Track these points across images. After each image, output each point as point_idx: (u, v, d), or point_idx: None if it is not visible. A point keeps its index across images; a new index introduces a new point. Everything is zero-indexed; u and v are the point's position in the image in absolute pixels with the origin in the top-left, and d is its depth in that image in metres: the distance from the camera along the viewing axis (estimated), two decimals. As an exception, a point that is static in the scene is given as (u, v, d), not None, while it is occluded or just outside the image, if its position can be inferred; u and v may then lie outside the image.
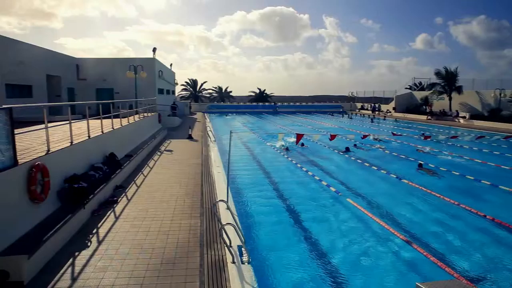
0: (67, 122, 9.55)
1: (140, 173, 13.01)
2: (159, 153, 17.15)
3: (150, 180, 12.00)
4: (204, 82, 70.47)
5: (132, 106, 22.07)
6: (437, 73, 43.63)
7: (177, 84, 50.64)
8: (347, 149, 19.78)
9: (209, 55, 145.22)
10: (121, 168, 11.85)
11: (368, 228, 9.25)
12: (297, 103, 64.55)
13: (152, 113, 24.80)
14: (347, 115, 50.30)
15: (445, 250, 8.02)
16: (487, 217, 9.81)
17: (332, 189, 12.49)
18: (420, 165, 16.09)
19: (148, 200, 9.74)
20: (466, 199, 11.44)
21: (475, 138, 13.76)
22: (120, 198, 9.85)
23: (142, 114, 21.30)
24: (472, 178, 14.11)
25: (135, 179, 12.03)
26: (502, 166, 16.47)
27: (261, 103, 63.75)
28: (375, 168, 16.07)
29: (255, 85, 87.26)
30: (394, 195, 12.55)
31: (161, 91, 35.55)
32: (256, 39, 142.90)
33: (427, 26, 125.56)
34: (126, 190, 10.74)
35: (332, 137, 11.42)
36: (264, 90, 70.11)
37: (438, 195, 11.87)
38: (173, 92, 48.20)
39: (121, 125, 15.06)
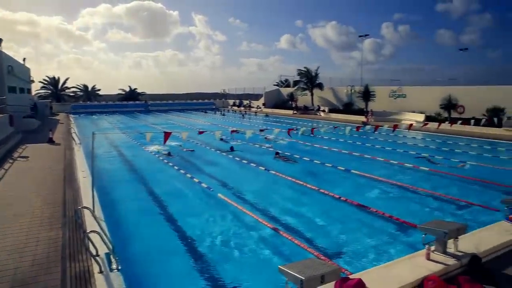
0: None
1: (-13, 185, 11.26)
2: (11, 161, 15.05)
3: (0, 193, 10.47)
4: (67, 79, 64.01)
5: (-27, 107, 18.92)
6: (300, 74, 48.32)
7: (33, 81, 45.01)
8: (232, 149, 19.73)
9: (71, 50, 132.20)
10: (-40, 181, 10.08)
11: (237, 219, 9.68)
12: (170, 101, 63.60)
13: (1, 115, 21.60)
14: (219, 112, 51.54)
15: (306, 231, 8.86)
16: (342, 198, 11.16)
17: (204, 185, 12.67)
18: (277, 153, 17.81)
19: (-3, 215, 8.51)
20: (322, 183, 12.87)
21: (333, 128, 15.51)
22: (-42, 217, 8.38)
23: (-13, 116, 18.41)
24: (330, 165, 15.87)
25: (-21, 193, 10.37)
26: (353, 153, 18.91)
27: (132, 102, 61.10)
28: (245, 161, 16.86)
29: (126, 83, 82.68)
30: (258, 184, 13.62)
31: (12, 89, 31.11)
32: (124, 34, 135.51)
33: (290, 28, 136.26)
34: (-33, 206, 9.19)
35: (200, 132, 11.75)
36: (135, 88, 67.34)
37: (297, 181, 13.13)
38: (29, 91, 42.77)
39: (-42, 130, 12.79)
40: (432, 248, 6.16)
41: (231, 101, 63.53)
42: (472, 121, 22.08)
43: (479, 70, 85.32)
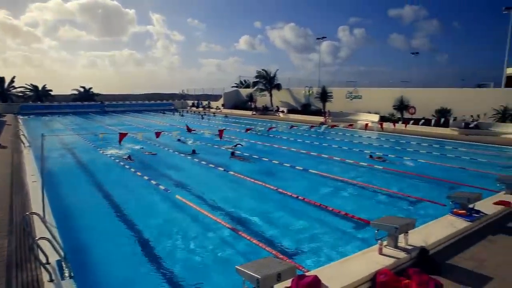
0: None
1: None
2: (-49, 166, 14.07)
3: None
4: (14, 78, 60.19)
5: None
6: (258, 75, 48.71)
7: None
8: (194, 152, 19.27)
9: (18, 46, 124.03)
10: None
11: (195, 220, 9.64)
12: (127, 102, 62.02)
13: None
14: (178, 113, 50.93)
15: (264, 230, 8.96)
16: (300, 197, 11.34)
17: (162, 187, 12.47)
18: (232, 154, 18.05)
19: None
20: (280, 182, 13.09)
21: (288, 128, 15.68)
22: None
23: None
24: (289, 165, 16.10)
25: None
26: (311, 153, 19.29)
27: (87, 102, 59.02)
28: (204, 163, 16.79)
29: (80, 83, 78.47)
30: (214, 183, 13.83)
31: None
32: (78, 32, 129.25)
33: (249, 29, 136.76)
34: None
35: (157, 134, 11.50)
36: (90, 88, 64.86)
37: (255, 181, 13.28)
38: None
39: None
40: (384, 243, 6.43)
41: (190, 102, 62.90)
42: (422, 121, 23.27)
43: (428, 73, 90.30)
